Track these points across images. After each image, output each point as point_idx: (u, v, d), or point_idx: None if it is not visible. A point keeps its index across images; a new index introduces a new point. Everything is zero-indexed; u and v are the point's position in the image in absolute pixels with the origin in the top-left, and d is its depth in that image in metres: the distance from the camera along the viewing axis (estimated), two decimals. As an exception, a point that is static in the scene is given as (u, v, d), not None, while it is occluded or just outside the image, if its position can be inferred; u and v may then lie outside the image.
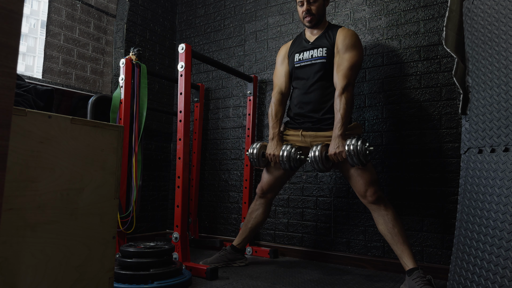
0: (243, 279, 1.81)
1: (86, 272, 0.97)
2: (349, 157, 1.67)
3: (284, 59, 2.05)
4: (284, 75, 2.02)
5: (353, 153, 1.65)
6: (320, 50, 1.90)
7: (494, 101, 1.31)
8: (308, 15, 1.91)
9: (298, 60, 1.97)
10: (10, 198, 0.81)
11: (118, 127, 1.09)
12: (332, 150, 1.71)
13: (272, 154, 1.89)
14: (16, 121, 0.83)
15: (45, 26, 2.41)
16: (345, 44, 1.82)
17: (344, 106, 1.72)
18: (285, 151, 1.83)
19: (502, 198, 1.20)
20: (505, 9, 1.32)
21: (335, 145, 1.71)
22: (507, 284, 1.10)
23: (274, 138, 1.91)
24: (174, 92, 3.11)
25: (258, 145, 1.99)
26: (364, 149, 1.64)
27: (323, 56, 1.89)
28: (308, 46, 1.96)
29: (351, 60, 1.79)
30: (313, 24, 1.93)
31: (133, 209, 2.15)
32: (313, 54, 1.92)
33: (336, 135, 1.72)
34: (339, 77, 1.77)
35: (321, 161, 1.74)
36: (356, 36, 1.87)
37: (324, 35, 1.93)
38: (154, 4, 3.02)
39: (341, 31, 1.89)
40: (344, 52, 1.81)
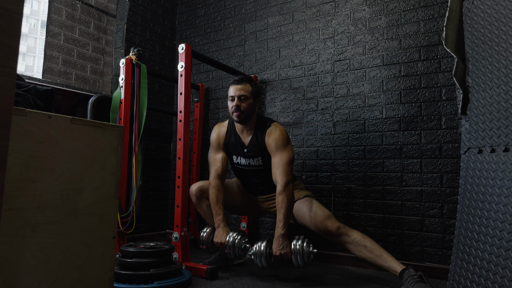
0: (243, 279, 1.81)
1: (86, 272, 0.97)
2: (293, 256, 1.71)
3: (220, 145, 2.08)
4: (220, 160, 2.04)
5: (297, 252, 1.70)
6: (256, 159, 2.01)
7: (494, 101, 1.31)
8: (237, 111, 1.93)
9: (237, 162, 2.08)
10: (10, 198, 0.81)
11: (118, 127, 1.09)
12: (276, 250, 1.74)
13: (219, 242, 1.89)
14: (16, 121, 0.83)
15: (45, 26, 2.41)
16: (275, 146, 1.91)
17: (286, 205, 1.77)
18: (230, 237, 1.84)
19: (502, 198, 1.20)
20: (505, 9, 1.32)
21: (279, 244, 1.74)
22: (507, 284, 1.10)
23: (220, 225, 1.92)
24: (174, 92, 3.11)
25: (208, 229, 2.00)
26: (308, 252, 1.70)
27: (260, 165, 2.02)
28: (244, 153, 2.03)
29: (286, 157, 1.88)
30: (241, 120, 1.96)
31: (133, 209, 2.15)
32: (250, 163, 2.03)
33: (279, 234, 1.75)
34: (279, 176, 1.84)
35: (265, 257, 1.75)
36: (282, 135, 1.93)
37: (255, 139, 1.99)
38: (154, 4, 3.02)
39: (268, 134, 1.95)
40: (276, 152, 1.90)
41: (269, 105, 2.65)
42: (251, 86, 1.98)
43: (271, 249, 1.76)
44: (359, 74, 2.29)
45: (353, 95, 2.30)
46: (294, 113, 2.52)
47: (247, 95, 1.94)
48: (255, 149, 1.99)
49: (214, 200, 1.96)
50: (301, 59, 2.54)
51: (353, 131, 2.28)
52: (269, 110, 2.65)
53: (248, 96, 1.94)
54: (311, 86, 2.47)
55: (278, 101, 2.61)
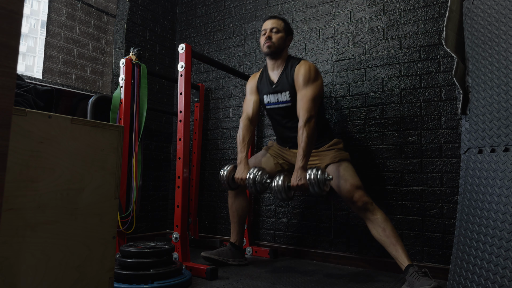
0: (243, 279, 1.81)
1: (86, 272, 0.97)
2: (310, 186, 1.73)
3: (253, 90, 2.15)
4: (253, 103, 2.11)
5: (313, 181, 1.72)
6: (284, 94, 2.01)
7: (494, 101, 1.31)
8: (267, 41, 1.99)
9: (267, 102, 2.09)
10: (10, 198, 0.81)
11: (118, 127, 1.09)
12: (294, 182, 1.77)
13: (239, 178, 1.92)
14: (16, 121, 0.83)
15: (45, 26, 2.41)
16: (303, 80, 1.91)
17: (306, 140, 1.78)
18: (251, 174, 1.86)
19: (502, 198, 1.20)
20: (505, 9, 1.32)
21: (297, 176, 1.77)
22: (507, 284, 1.10)
23: (242, 162, 1.95)
24: (174, 92, 3.11)
25: (229, 167, 2.02)
26: (323, 179, 1.72)
27: (287, 100, 2.00)
28: (272, 89, 2.05)
29: (311, 93, 1.87)
30: (271, 51, 1.99)
31: (133, 209, 2.15)
32: (278, 98, 2.03)
33: (298, 167, 1.77)
34: (301, 110, 1.85)
35: (284, 190, 1.79)
36: (312, 69, 1.94)
37: (284, 74, 2.02)
38: (154, 4, 3.02)
39: (298, 68, 1.96)
40: (303, 87, 1.90)
41: (269, 105, 2.65)
42: (283, 22, 2.04)
43: (289, 182, 1.79)
44: (359, 74, 2.29)
45: (353, 95, 2.30)
46: (294, 113, 2.52)
47: (279, 28, 2.00)
48: (283, 84, 2.00)
49: (240, 138, 2.02)
50: (301, 59, 2.54)
51: (353, 131, 2.28)
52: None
53: (280, 29, 2.01)
54: (311, 86, 2.47)
55: (278, 101, 2.61)
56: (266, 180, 1.86)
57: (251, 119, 2.08)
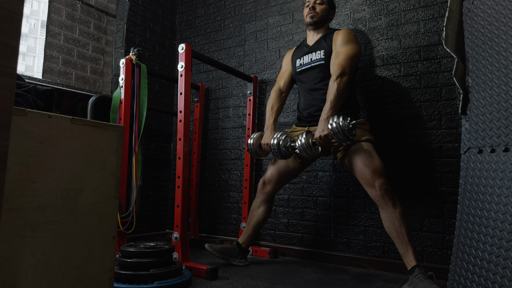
0: (243, 279, 1.81)
1: (86, 272, 0.97)
2: (334, 136, 1.66)
3: (288, 62, 2.17)
4: (286, 75, 2.13)
5: (337, 130, 1.64)
6: (318, 52, 1.98)
7: (494, 101, 1.31)
8: (311, 11, 2.00)
9: (299, 65, 2.07)
10: (10, 198, 0.81)
11: (118, 127, 1.09)
12: (317, 134, 1.72)
13: (265, 143, 1.95)
14: (16, 121, 0.83)
15: (45, 26, 2.41)
16: (341, 40, 1.90)
17: (335, 92, 1.73)
18: (275, 139, 1.85)
19: (502, 198, 1.20)
20: (505, 9, 1.32)
21: (320, 128, 1.72)
22: (507, 284, 1.10)
23: (268, 128, 1.99)
24: (174, 92, 3.11)
25: (256, 135, 2.05)
26: (347, 124, 1.64)
27: (321, 58, 1.97)
28: (307, 50, 2.05)
29: (348, 52, 1.84)
30: (313, 21, 2.00)
31: (133, 209, 2.15)
32: (312, 58, 2.01)
33: (322, 119, 1.72)
34: (335, 66, 1.81)
35: (308, 147, 1.74)
36: (352, 33, 1.94)
37: (322, 38, 2.02)
38: (154, 4, 3.02)
39: (337, 32, 1.97)
40: (341, 46, 1.88)
41: (269, 105, 2.65)
42: None
43: (313, 138, 1.75)
44: (359, 74, 2.29)
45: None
46: (294, 113, 2.52)
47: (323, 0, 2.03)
48: (320, 44, 2.00)
49: (270, 106, 2.07)
50: (301, 59, 2.54)
51: (353, 131, 2.28)
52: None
53: (324, 1, 2.03)
54: (311, 86, 2.47)
55: (278, 101, 2.61)
56: (291, 144, 1.84)
57: (282, 89, 2.11)
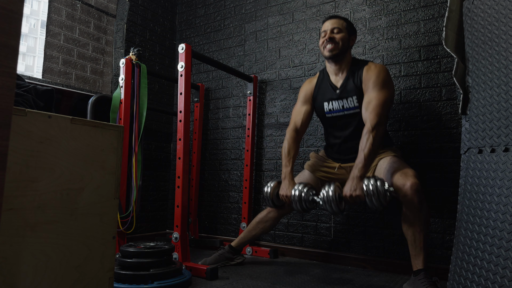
0: (243, 279, 1.81)
1: (86, 272, 0.97)
2: (367, 198, 1.53)
3: (307, 99, 1.94)
4: (304, 113, 1.92)
5: (371, 193, 1.51)
6: (351, 100, 1.80)
7: (494, 101, 1.31)
8: (330, 42, 1.78)
9: (328, 110, 1.88)
10: (10, 198, 0.81)
11: (118, 127, 1.09)
12: (347, 192, 1.56)
13: (284, 195, 1.78)
14: (16, 121, 0.83)
15: (45, 26, 2.41)
16: (373, 82, 1.71)
17: (370, 147, 1.58)
18: (296, 191, 1.70)
19: (502, 198, 1.20)
20: (505, 9, 1.32)
21: (352, 186, 1.56)
22: (507, 284, 1.10)
23: (286, 177, 1.80)
24: (174, 92, 3.11)
25: (273, 184, 1.87)
26: (384, 191, 1.51)
27: (355, 106, 1.79)
28: (336, 95, 1.84)
29: (381, 98, 1.67)
30: (333, 54, 1.79)
31: (133, 209, 2.15)
32: (344, 105, 1.82)
33: (354, 176, 1.56)
34: (369, 115, 1.65)
35: (334, 202, 1.58)
36: (385, 72, 1.75)
37: (349, 78, 1.81)
38: (154, 4, 3.02)
39: (367, 69, 1.77)
40: (373, 89, 1.70)
41: (269, 105, 2.65)
42: (345, 21, 1.83)
43: (341, 192, 1.60)
44: (359, 74, 2.29)
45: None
46: (294, 113, 2.52)
47: (340, 28, 1.80)
48: (349, 88, 1.78)
49: (286, 151, 1.85)
50: (301, 59, 2.54)
51: (353, 131, 2.28)
52: (269, 110, 2.65)
53: (342, 29, 1.80)
54: (311, 86, 2.47)
55: (278, 101, 2.61)
56: (313, 197, 1.68)
57: (298, 131, 1.89)
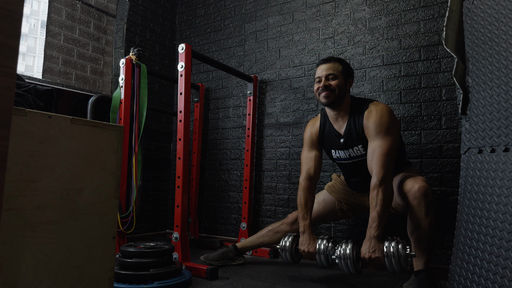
0: (243, 279, 1.81)
1: (86, 272, 0.97)
2: (386, 260, 1.46)
3: (313, 143, 1.86)
4: (314, 159, 1.83)
5: (391, 255, 1.44)
6: (356, 149, 1.74)
7: (494, 101, 1.31)
8: (325, 90, 1.70)
9: (336, 157, 1.84)
10: (10, 198, 0.81)
11: (118, 127, 1.09)
12: (366, 253, 1.49)
13: (306, 251, 1.67)
14: (16, 121, 0.83)
15: (45, 26, 2.41)
16: (375, 130, 1.63)
17: (382, 203, 1.50)
18: (321, 245, 1.62)
19: (502, 198, 1.20)
20: (505, 9, 1.32)
21: (370, 247, 1.48)
22: (507, 284, 1.10)
23: (306, 231, 1.70)
24: (174, 92, 3.11)
25: (290, 238, 1.76)
26: (405, 255, 1.45)
27: (362, 154, 1.74)
28: (341, 145, 1.78)
29: (385, 146, 1.58)
30: (330, 101, 1.71)
31: (133, 209, 2.15)
32: (350, 154, 1.78)
33: (371, 236, 1.49)
34: (375, 167, 1.57)
35: (352, 260, 1.52)
36: (386, 115, 1.65)
37: (351, 125, 1.74)
38: (154, 4, 3.02)
39: (367, 114, 1.68)
40: (375, 137, 1.62)
41: (269, 105, 2.65)
42: (340, 64, 1.75)
43: (359, 252, 1.53)
44: (359, 74, 2.29)
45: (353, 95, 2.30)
46: (294, 113, 2.52)
47: (335, 73, 1.71)
48: (353, 137, 1.73)
49: (302, 203, 1.75)
50: (301, 59, 2.54)
51: (353, 131, 2.28)
52: (269, 110, 2.65)
53: (337, 74, 1.71)
54: (311, 86, 2.47)
55: (278, 101, 2.61)
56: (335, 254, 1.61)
57: (312, 178, 1.79)
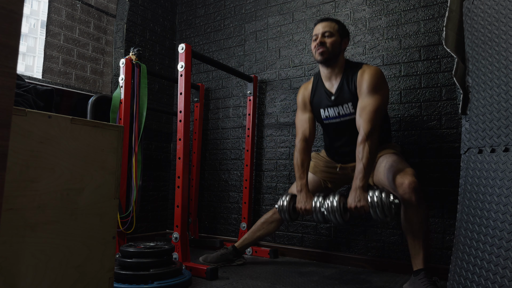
0: (243, 279, 1.81)
1: (86, 272, 0.97)
2: (371, 209, 1.54)
3: (306, 105, 1.93)
4: (307, 121, 1.90)
5: (376, 205, 1.52)
6: (346, 106, 1.80)
7: (494, 101, 1.31)
8: (321, 47, 1.77)
9: (325, 117, 1.88)
10: (10, 198, 0.81)
11: (118, 127, 1.09)
12: (352, 203, 1.58)
13: (303, 209, 1.75)
14: (16, 121, 0.83)
15: (45, 26, 2.41)
16: (366, 87, 1.70)
17: (367, 155, 1.59)
18: (317, 203, 1.69)
19: (502, 198, 1.20)
20: (505, 9, 1.32)
21: (355, 197, 1.57)
22: (507, 284, 1.10)
23: (303, 190, 1.78)
24: (174, 92, 3.11)
25: (288, 197, 1.83)
26: (388, 202, 1.51)
27: (350, 113, 1.80)
28: (332, 101, 1.83)
29: (375, 103, 1.66)
30: (324, 58, 1.78)
31: (133, 209, 2.15)
32: (339, 112, 1.83)
33: (356, 186, 1.58)
34: (363, 122, 1.65)
35: (339, 212, 1.60)
36: (378, 75, 1.73)
37: (344, 83, 1.80)
38: (154, 4, 3.02)
39: (361, 73, 1.75)
40: (366, 95, 1.69)
41: (269, 105, 2.65)
42: (337, 24, 1.82)
43: (345, 203, 1.61)
44: (359, 74, 2.29)
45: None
46: (294, 113, 2.52)
47: (332, 31, 1.78)
48: (344, 94, 1.79)
49: (299, 163, 1.83)
50: (301, 59, 2.54)
51: (353, 131, 2.28)
52: (269, 110, 2.65)
53: (333, 32, 1.79)
54: (311, 86, 2.47)
55: (278, 101, 2.61)
56: None
57: (308, 140, 1.87)
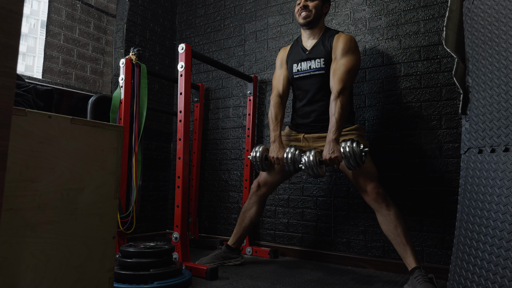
0: (243, 279, 1.81)
1: (86, 272, 0.97)
2: (345, 160, 1.67)
3: (283, 63, 2.07)
4: (283, 78, 2.03)
5: (349, 155, 1.65)
6: (318, 61, 1.91)
7: (494, 101, 1.31)
8: (304, 10, 1.91)
9: (297, 71, 1.99)
10: (10, 198, 0.81)
11: (118, 127, 1.09)
12: (326, 155, 1.70)
13: (275, 157, 1.88)
14: (16, 121, 0.83)
15: (45, 26, 2.41)
16: (341, 49, 1.83)
17: (339, 110, 1.71)
18: (289, 153, 1.82)
19: (502, 198, 1.20)
20: (505, 9, 1.32)
21: (329, 149, 1.70)
22: (507, 284, 1.10)
23: (276, 140, 1.91)
24: (174, 92, 3.11)
25: (261, 148, 1.97)
26: (359, 151, 1.65)
27: (321, 68, 1.91)
28: (305, 56, 1.96)
29: (348, 64, 1.79)
30: (307, 21, 1.92)
31: (133, 209, 2.15)
32: (311, 65, 1.94)
33: (330, 139, 1.71)
34: (335, 81, 1.77)
35: (315, 166, 1.72)
36: (353, 41, 1.87)
37: (320, 43, 1.93)
38: (154, 4, 3.02)
39: (337, 37, 1.89)
40: (341, 57, 1.82)
41: (269, 105, 2.64)
42: None
43: (321, 157, 1.73)
44: (359, 74, 2.29)
45: (353, 95, 2.30)
46: (294, 113, 2.52)
47: None
48: (318, 50, 1.92)
49: (273, 116, 1.96)
50: (301, 59, 2.54)
51: (353, 131, 2.28)
52: (269, 113, 2.64)
53: None
54: (311, 86, 2.47)
55: (278, 101, 2.61)
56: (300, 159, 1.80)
57: (281, 95, 2.01)
